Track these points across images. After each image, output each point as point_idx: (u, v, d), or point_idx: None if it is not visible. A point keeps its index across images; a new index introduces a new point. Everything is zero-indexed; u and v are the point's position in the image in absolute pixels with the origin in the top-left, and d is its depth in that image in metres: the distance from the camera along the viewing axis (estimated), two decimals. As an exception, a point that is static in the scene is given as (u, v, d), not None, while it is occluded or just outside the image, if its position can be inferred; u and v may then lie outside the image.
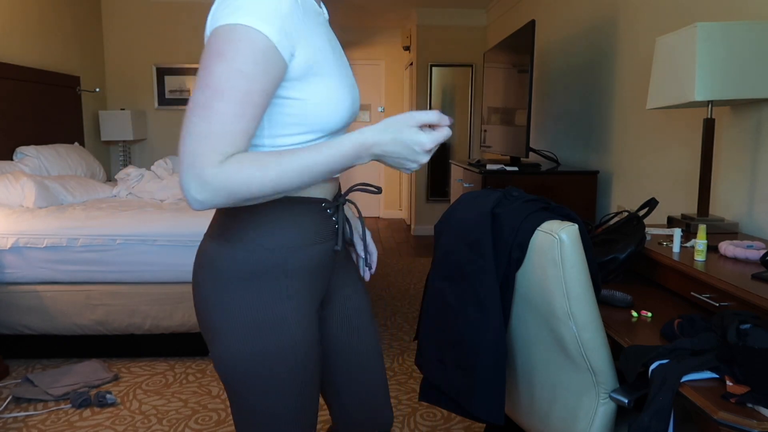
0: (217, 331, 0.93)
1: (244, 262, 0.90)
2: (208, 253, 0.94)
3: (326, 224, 0.97)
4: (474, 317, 1.26)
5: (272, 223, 0.91)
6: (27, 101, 3.75)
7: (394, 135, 0.81)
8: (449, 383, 1.35)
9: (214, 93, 0.77)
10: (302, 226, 0.93)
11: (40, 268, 2.71)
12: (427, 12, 5.76)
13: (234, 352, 0.92)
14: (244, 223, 0.90)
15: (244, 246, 0.90)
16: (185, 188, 0.77)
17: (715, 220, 1.86)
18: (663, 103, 1.82)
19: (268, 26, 0.78)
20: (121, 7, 4.97)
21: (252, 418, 0.97)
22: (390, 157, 0.84)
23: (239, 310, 0.91)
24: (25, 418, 2.26)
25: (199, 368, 2.73)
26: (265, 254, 0.90)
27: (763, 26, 1.65)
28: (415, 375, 2.66)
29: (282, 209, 0.91)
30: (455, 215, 1.37)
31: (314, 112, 0.88)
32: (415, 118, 0.81)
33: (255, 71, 0.78)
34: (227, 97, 0.77)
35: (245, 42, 0.77)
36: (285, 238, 0.91)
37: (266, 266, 0.90)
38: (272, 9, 0.78)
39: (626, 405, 1.16)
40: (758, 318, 1.08)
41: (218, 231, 0.93)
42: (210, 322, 0.94)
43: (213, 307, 0.92)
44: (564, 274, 1.13)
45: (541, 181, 2.97)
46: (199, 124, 0.77)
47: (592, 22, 3.26)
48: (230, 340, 0.91)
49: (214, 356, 0.95)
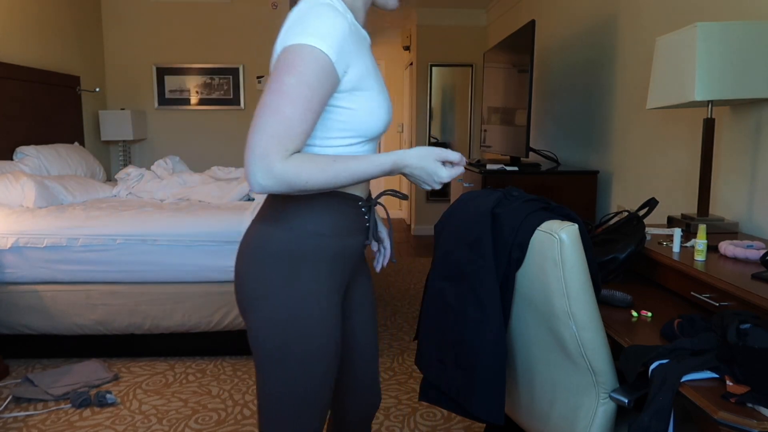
0: (258, 300, 1.06)
1: (287, 242, 1.06)
2: (257, 233, 1.09)
3: (359, 220, 1.14)
4: (474, 317, 1.27)
5: (315, 213, 1.07)
6: (27, 101, 3.75)
7: (423, 164, 1.03)
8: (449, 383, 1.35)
9: (285, 99, 0.93)
10: (340, 218, 1.10)
11: (40, 267, 2.71)
12: (427, 12, 5.76)
13: (273, 320, 1.05)
14: (291, 210, 1.07)
15: (290, 228, 1.06)
16: (252, 173, 0.93)
17: (715, 220, 1.86)
18: (663, 103, 1.82)
19: (328, 47, 0.96)
20: (121, 7, 4.97)
21: (278, 398, 1.09)
22: (413, 177, 1.06)
23: (279, 282, 1.05)
24: (25, 418, 2.26)
25: (199, 368, 2.73)
26: (306, 238, 1.06)
27: (763, 26, 1.65)
28: (415, 375, 2.66)
29: (325, 202, 1.08)
30: (455, 215, 1.37)
31: (359, 120, 1.05)
32: (441, 155, 1.04)
33: (317, 83, 0.96)
34: (294, 104, 0.94)
35: (311, 59, 0.95)
36: (324, 227, 1.08)
37: (306, 248, 1.06)
38: (333, 33, 0.97)
39: (626, 405, 1.16)
40: (758, 318, 1.08)
41: (268, 216, 1.09)
42: (252, 291, 1.07)
43: (256, 280, 1.06)
44: (564, 274, 1.13)
45: (541, 181, 2.97)
46: (271, 124, 0.93)
47: (592, 22, 3.26)
48: (270, 308, 1.05)
49: (253, 325, 1.07)
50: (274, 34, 5.04)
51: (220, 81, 5.08)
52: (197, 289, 2.75)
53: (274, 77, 0.95)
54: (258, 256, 1.07)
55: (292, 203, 1.07)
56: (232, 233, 2.70)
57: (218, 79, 5.08)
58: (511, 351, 1.37)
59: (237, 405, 2.38)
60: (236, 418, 2.27)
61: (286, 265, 1.05)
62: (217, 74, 5.07)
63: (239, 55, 5.07)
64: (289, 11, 1.06)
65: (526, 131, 2.98)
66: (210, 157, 5.18)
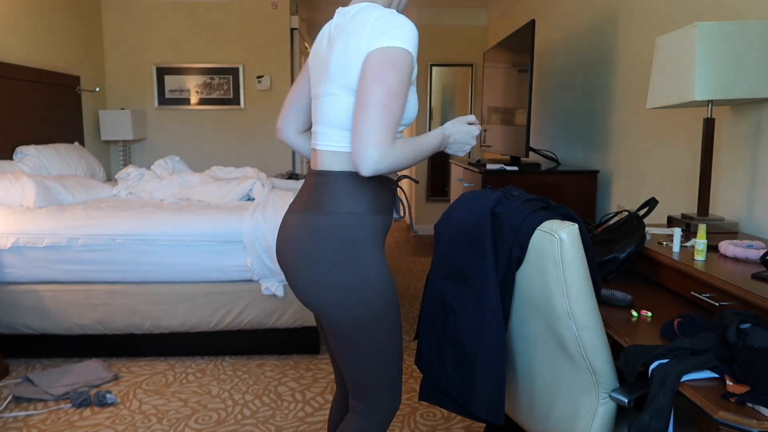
0: (336, 284, 1.19)
1: (350, 227, 1.20)
2: (317, 227, 1.21)
3: (390, 199, 1.29)
4: (474, 317, 1.27)
5: (363, 197, 1.22)
6: (27, 101, 3.75)
7: (459, 128, 1.30)
8: (449, 383, 1.35)
9: (390, 97, 1.11)
10: (382, 199, 1.25)
11: (41, 267, 2.71)
12: (427, 11, 5.77)
13: (355, 296, 1.19)
14: (343, 198, 1.21)
15: (347, 214, 1.20)
16: (367, 158, 1.09)
17: (715, 220, 1.86)
18: (663, 102, 1.82)
19: (413, 49, 1.14)
20: (121, 7, 4.97)
21: (381, 357, 1.26)
22: (456, 142, 1.30)
23: (352, 263, 1.19)
24: (25, 418, 2.26)
25: (199, 368, 2.73)
26: (363, 219, 1.21)
27: (763, 26, 1.65)
28: (415, 375, 2.66)
29: (370, 187, 1.22)
30: (455, 215, 1.37)
31: (410, 110, 1.22)
32: (465, 119, 1.32)
33: (408, 80, 1.14)
34: (397, 100, 1.12)
35: (403, 59, 1.12)
36: (373, 207, 1.23)
37: (365, 228, 1.21)
38: (412, 37, 1.15)
39: (626, 405, 1.16)
40: (758, 317, 1.08)
41: (321, 208, 1.22)
42: (332, 279, 1.19)
43: (331, 267, 1.19)
44: (564, 274, 1.13)
45: (541, 181, 2.97)
46: (384, 117, 1.10)
47: (592, 22, 3.26)
48: (350, 287, 1.19)
49: (337, 308, 1.20)
50: (274, 34, 5.05)
51: (220, 81, 5.08)
52: (197, 289, 2.75)
53: (379, 76, 1.11)
54: (327, 245, 1.19)
55: (340, 192, 1.21)
56: (232, 233, 2.70)
57: (218, 78, 5.08)
58: (510, 351, 1.37)
59: (237, 405, 2.38)
60: (236, 417, 2.27)
61: (353, 246, 1.19)
62: (217, 74, 5.07)
63: (239, 55, 5.07)
64: (339, 16, 1.24)
65: (526, 131, 2.98)
66: (210, 157, 5.18)
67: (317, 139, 1.26)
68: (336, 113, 1.21)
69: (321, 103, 1.24)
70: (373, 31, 1.13)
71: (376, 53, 1.12)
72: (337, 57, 1.18)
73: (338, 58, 1.18)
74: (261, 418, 2.27)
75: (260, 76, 5.08)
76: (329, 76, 1.20)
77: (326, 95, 1.22)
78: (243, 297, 2.76)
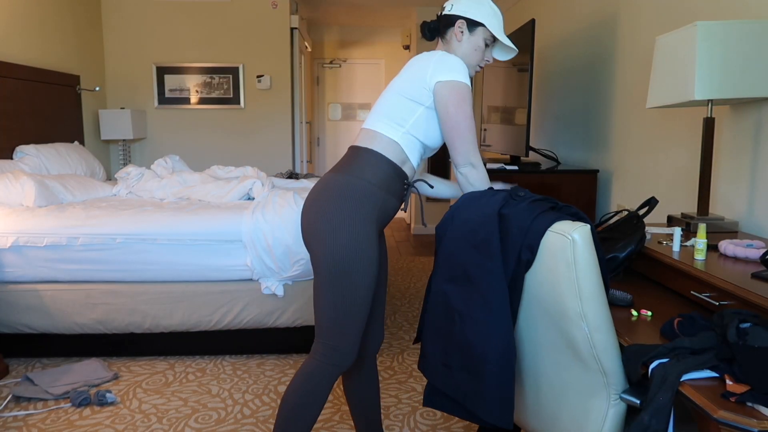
0: (327, 229, 1.45)
1: (356, 187, 1.47)
2: (332, 179, 1.50)
3: (401, 190, 1.58)
4: (481, 320, 1.24)
5: (376, 170, 1.50)
6: (27, 100, 3.75)
7: None
8: (456, 387, 1.33)
9: (470, 121, 1.50)
10: (391, 180, 1.53)
11: (40, 267, 2.71)
12: (427, 11, 5.76)
13: (340, 243, 1.44)
14: (364, 166, 1.50)
15: (360, 177, 1.49)
16: (466, 174, 1.50)
17: (715, 219, 1.86)
18: (663, 102, 1.82)
19: (468, 82, 1.51)
20: (121, 6, 4.96)
21: (335, 306, 1.47)
22: None
23: (345, 215, 1.45)
24: (25, 417, 2.26)
25: (198, 367, 2.73)
26: (367, 184, 1.48)
27: (763, 26, 1.65)
28: (415, 374, 2.66)
29: (386, 168, 1.51)
30: (459, 216, 1.36)
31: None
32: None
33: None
34: (473, 125, 1.50)
35: (466, 91, 1.50)
36: (379, 180, 1.50)
37: (366, 191, 1.48)
38: (466, 72, 1.52)
39: (638, 405, 1.14)
40: (758, 317, 1.08)
41: (345, 168, 1.51)
42: (324, 223, 1.46)
43: (327, 213, 1.46)
44: (577, 275, 1.12)
45: (541, 180, 2.97)
46: (470, 137, 1.49)
47: (592, 21, 3.26)
48: (335, 236, 1.44)
49: (324, 251, 1.45)
50: (274, 34, 5.04)
51: (220, 80, 5.08)
52: (197, 289, 2.75)
53: (459, 106, 1.48)
54: (330, 197, 1.47)
55: (366, 164, 1.50)
56: (231, 233, 2.70)
57: (218, 78, 5.07)
58: (517, 353, 1.35)
59: (237, 404, 2.38)
60: (236, 417, 2.27)
61: (350, 202, 1.45)
62: (216, 73, 5.07)
63: (239, 54, 5.06)
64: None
65: (526, 130, 2.98)
66: (210, 156, 5.18)
67: (368, 120, 1.58)
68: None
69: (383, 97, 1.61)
70: (435, 67, 1.51)
71: (450, 85, 1.49)
72: None
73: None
74: (261, 418, 2.27)
75: (260, 76, 5.08)
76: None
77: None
78: (243, 296, 2.76)
